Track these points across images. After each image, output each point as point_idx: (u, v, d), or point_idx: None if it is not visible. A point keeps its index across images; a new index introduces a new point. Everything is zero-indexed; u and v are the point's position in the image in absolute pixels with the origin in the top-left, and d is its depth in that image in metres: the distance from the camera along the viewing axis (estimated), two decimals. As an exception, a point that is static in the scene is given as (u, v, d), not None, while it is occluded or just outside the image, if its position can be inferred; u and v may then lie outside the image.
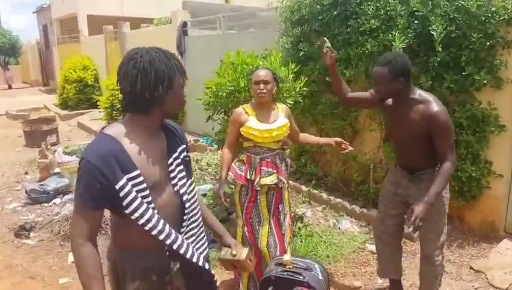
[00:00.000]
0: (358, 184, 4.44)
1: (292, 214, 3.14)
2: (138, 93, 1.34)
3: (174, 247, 1.42)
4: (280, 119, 2.72)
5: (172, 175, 1.48)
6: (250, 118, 2.68)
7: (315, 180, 4.74)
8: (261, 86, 2.62)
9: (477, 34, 3.18)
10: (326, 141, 2.95)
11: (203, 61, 7.27)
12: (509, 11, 3.09)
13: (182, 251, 1.44)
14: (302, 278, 2.21)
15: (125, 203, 1.32)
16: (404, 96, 2.32)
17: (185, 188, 1.51)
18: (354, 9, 4.05)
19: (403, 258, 2.91)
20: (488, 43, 3.23)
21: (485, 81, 3.27)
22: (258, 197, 2.76)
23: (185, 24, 7.89)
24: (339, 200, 4.31)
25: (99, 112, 10.08)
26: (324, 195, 4.47)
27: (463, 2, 3.21)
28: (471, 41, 3.25)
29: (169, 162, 1.48)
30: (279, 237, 2.82)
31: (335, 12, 4.21)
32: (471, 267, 3.20)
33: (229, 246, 1.75)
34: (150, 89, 1.34)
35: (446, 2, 3.31)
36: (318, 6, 4.38)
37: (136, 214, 1.34)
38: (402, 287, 2.85)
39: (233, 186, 3.40)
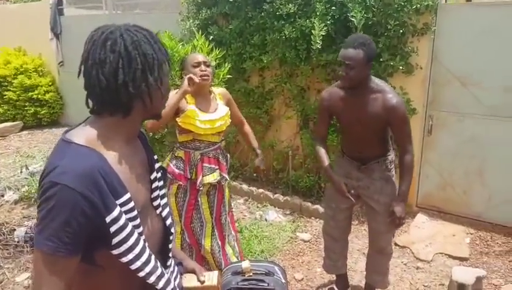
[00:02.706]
0: (278, 172, 4.40)
1: (233, 209, 2.91)
2: (119, 87, 0.97)
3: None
4: (220, 107, 2.44)
5: (154, 194, 1.15)
6: (190, 106, 2.34)
7: (233, 172, 4.56)
8: (202, 66, 2.30)
9: (393, 22, 3.32)
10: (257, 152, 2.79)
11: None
12: (419, 0, 3.28)
13: None
14: (266, 285, 2.02)
15: (115, 241, 0.95)
16: (365, 84, 2.16)
17: (166, 210, 1.20)
18: (269, -8, 3.91)
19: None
20: (401, 31, 3.40)
21: (400, 67, 3.45)
22: (199, 199, 2.47)
23: (59, 2, 6.82)
24: (261, 190, 4.20)
25: None
26: (245, 186, 4.31)
27: (380, -10, 3.31)
28: (387, 28, 3.38)
29: (152, 177, 1.14)
30: (221, 240, 2.58)
31: (247, -5, 4.02)
32: (396, 244, 3.39)
33: (192, 272, 1.40)
34: (136, 79, 0.99)
35: (364, -11, 3.38)
36: (228, -13, 4.13)
37: (130, 256, 0.98)
38: (347, 278, 2.85)
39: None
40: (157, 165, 1.19)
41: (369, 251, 2.61)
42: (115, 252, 0.97)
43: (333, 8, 3.56)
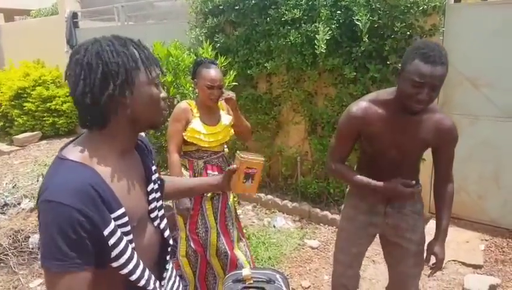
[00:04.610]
0: (286, 178, 4.36)
1: (240, 215, 2.89)
2: (84, 98, 0.96)
3: None
4: (223, 117, 2.44)
5: (152, 206, 1.14)
6: (194, 119, 2.35)
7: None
8: (215, 92, 2.31)
9: (399, 24, 3.26)
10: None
11: (100, 56, 6.56)
12: (426, 1, 3.22)
13: None
14: (267, 294, 2.00)
15: (114, 253, 0.95)
16: None
17: (164, 222, 1.19)
18: (273, -2, 3.91)
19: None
20: (408, 33, 3.33)
21: (407, 70, 3.38)
22: (203, 205, 2.47)
23: (75, 15, 7.01)
24: (269, 197, 4.17)
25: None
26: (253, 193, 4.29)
27: (385, -8, 3.26)
28: (393, 30, 3.32)
29: (149, 189, 1.13)
30: (228, 245, 2.56)
31: (253, 2, 4.02)
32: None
33: (220, 187, 1.40)
34: (95, 89, 0.96)
35: (368, -8, 3.33)
36: (234, -4, 4.15)
37: (130, 266, 0.99)
38: None
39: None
40: (154, 177, 1.17)
41: None
42: (115, 264, 0.97)
43: (338, 12, 3.53)
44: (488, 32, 3.28)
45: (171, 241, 1.19)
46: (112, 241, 0.94)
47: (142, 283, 1.03)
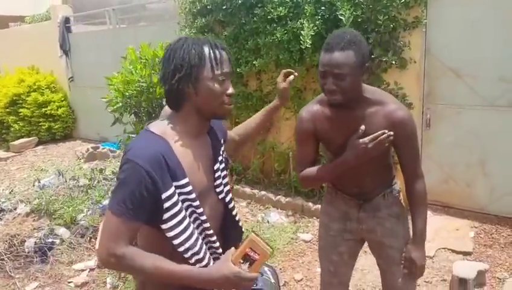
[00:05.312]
0: (279, 174, 4.42)
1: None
2: (163, 83, 1.24)
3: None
4: None
5: (217, 182, 1.32)
6: None
7: (235, 175, 4.60)
8: None
9: (382, 17, 3.31)
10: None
11: (93, 60, 6.63)
12: (407, -6, 3.28)
13: None
14: (254, 285, 2.06)
15: (166, 216, 1.15)
16: (359, 96, 1.59)
17: (230, 196, 1.37)
18: (259, -3, 3.96)
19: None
20: (391, 26, 3.39)
21: (393, 62, 3.44)
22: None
23: (67, 20, 7.06)
24: (263, 192, 4.23)
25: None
26: (247, 189, 4.35)
27: (367, -13, 3.31)
28: (376, 24, 3.38)
29: (215, 167, 1.32)
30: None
31: (239, 1, 4.07)
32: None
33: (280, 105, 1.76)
34: (167, 79, 1.20)
35: (351, -13, 3.38)
36: (221, -5, 4.20)
37: (176, 231, 1.16)
38: None
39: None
40: (220, 158, 1.35)
41: None
42: (164, 226, 1.15)
43: (322, 8, 3.58)
44: (469, 23, 3.33)
45: (234, 212, 1.37)
46: (166, 205, 1.13)
47: (186, 246, 1.18)
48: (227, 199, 1.35)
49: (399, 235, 1.79)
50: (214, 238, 1.28)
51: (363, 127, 1.56)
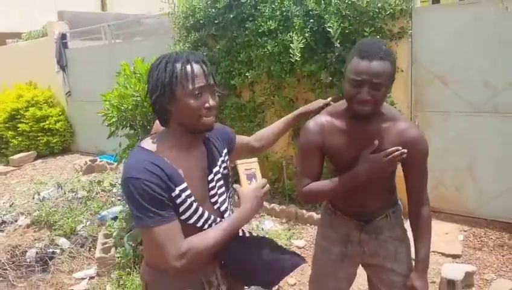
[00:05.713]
0: (273, 182, 4.50)
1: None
2: (150, 101, 1.30)
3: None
4: None
5: (212, 193, 1.37)
6: None
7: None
8: None
9: (369, 28, 3.43)
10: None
11: (89, 75, 6.76)
12: (392, 5, 3.40)
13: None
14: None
15: (181, 209, 1.24)
16: (379, 110, 1.52)
17: (225, 205, 1.41)
18: (250, 11, 4.08)
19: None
20: (378, 36, 3.50)
21: (380, 72, 3.54)
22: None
23: (64, 36, 7.19)
24: (257, 201, 4.30)
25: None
26: (242, 199, 4.42)
27: (353, 0, 3.43)
28: (364, 35, 3.49)
29: (209, 178, 1.36)
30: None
31: (231, 16, 4.20)
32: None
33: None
34: (150, 98, 1.28)
35: (337, 0, 3.50)
36: (213, 10, 4.32)
37: (194, 218, 1.27)
38: None
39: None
40: (215, 169, 1.38)
41: None
42: (183, 217, 1.24)
43: (311, 20, 3.70)
44: (454, 32, 3.46)
45: None
46: (178, 201, 1.22)
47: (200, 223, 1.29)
48: (223, 208, 1.38)
49: (401, 260, 1.70)
50: None
51: (376, 141, 1.50)
